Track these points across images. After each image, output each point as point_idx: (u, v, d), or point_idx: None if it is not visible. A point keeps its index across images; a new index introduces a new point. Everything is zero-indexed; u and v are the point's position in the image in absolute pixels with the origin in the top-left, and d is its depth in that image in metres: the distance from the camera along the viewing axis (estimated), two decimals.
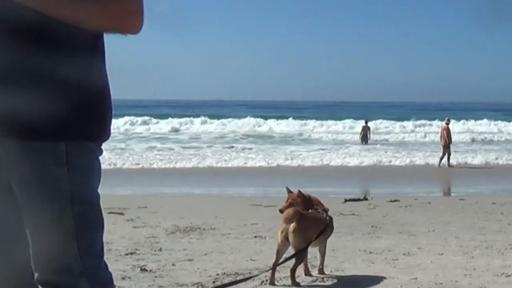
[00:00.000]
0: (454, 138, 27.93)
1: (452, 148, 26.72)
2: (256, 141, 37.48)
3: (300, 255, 6.19)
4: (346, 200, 13.21)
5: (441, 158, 26.02)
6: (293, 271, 6.15)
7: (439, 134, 27.79)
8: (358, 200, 13.77)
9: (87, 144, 2.43)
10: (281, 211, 6.54)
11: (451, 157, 26.25)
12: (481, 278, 6.35)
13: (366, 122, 38.24)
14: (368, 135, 36.86)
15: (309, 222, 6.33)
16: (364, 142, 35.97)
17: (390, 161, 26.50)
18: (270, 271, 6.18)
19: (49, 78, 2.32)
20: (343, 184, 18.76)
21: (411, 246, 8.07)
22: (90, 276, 2.46)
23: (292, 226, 6.16)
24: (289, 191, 6.67)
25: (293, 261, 6.17)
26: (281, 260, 6.22)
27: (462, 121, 51.11)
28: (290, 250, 6.24)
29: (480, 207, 12.61)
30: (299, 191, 6.61)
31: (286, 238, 6.20)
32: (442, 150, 26.46)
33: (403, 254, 7.57)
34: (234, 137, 41.11)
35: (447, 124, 27.49)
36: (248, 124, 49.50)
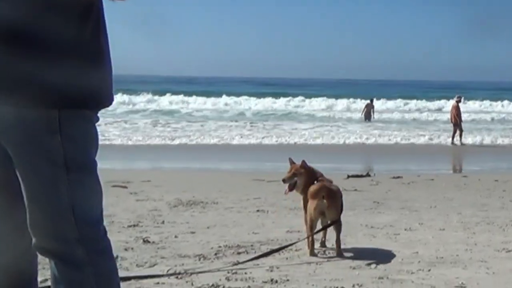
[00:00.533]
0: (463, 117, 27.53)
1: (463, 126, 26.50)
2: (258, 118, 37.46)
3: (340, 224, 6.32)
4: (348, 176, 13.21)
5: (453, 136, 25.87)
6: (337, 241, 6.28)
7: (450, 113, 27.45)
8: (361, 176, 13.76)
9: (81, 111, 2.43)
10: (284, 180, 6.58)
11: (463, 134, 26.11)
12: (482, 253, 6.39)
13: (372, 100, 38.17)
14: (372, 113, 36.81)
15: (337, 194, 6.38)
16: (367, 120, 35.94)
17: (394, 139, 26.45)
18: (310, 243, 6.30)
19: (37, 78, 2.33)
20: (346, 161, 18.78)
21: (413, 222, 8.10)
22: (87, 244, 2.47)
23: (325, 202, 6.21)
24: (292, 162, 6.68)
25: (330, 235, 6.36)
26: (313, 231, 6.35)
27: (471, 101, 50.63)
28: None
29: (482, 184, 12.64)
30: (303, 161, 6.62)
31: (320, 213, 6.27)
32: (453, 128, 26.30)
33: (405, 229, 7.61)
34: (237, 113, 41.04)
35: (458, 102, 27.15)
36: (250, 100, 49.32)
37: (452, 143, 25.57)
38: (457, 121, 26.01)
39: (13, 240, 2.65)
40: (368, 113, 36.64)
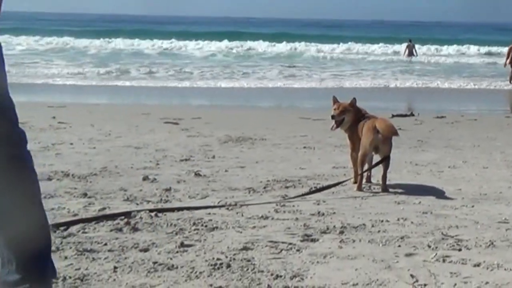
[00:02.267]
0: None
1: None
2: (301, 61, 37.10)
3: (388, 160, 6.49)
4: (393, 116, 13.26)
5: (511, 77, 25.53)
6: (384, 177, 6.48)
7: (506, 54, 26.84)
8: (405, 115, 13.89)
9: None
10: (333, 117, 6.69)
11: None
12: None
13: (410, 40, 37.89)
14: (414, 51, 36.64)
15: (392, 129, 6.47)
16: (410, 56, 35.82)
17: (435, 82, 26.12)
18: (358, 178, 6.50)
19: None
20: (389, 102, 18.75)
21: (456, 160, 8.25)
22: None
23: (381, 136, 6.37)
24: (336, 100, 6.78)
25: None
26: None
27: None
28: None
29: None
30: (354, 99, 6.74)
31: (375, 148, 6.44)
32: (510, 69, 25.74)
33: (448, 167, 7.77)
34: (282, 57, 40.55)
35: None
36: (291, 45, 48.42)
37: (510, 82, 25.23)
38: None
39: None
40: (410, 51, 36.50)
